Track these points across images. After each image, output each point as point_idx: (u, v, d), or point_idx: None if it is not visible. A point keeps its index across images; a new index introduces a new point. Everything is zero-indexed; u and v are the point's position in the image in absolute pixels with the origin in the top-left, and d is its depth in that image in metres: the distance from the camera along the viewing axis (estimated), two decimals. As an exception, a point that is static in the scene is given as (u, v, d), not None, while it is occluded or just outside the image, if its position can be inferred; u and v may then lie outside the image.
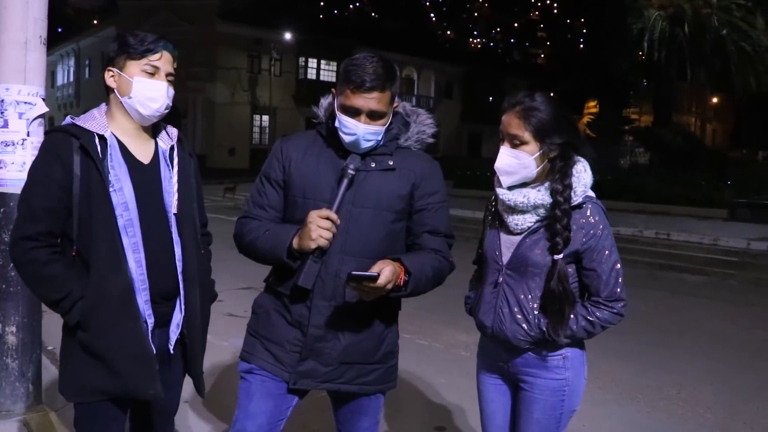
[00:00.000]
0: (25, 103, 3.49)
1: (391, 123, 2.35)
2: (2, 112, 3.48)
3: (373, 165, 2.30)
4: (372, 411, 2.49)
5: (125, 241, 2.20)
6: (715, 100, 42.29)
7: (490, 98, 45.26)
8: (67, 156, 2.18)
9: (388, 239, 2.32)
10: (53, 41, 36.06)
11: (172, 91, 2.31)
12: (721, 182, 19.90)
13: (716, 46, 28.41)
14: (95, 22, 44.40)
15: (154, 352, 2.27)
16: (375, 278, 2.07)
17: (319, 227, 2.15)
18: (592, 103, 43.71)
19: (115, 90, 2.27)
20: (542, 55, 69.04)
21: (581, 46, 53.00)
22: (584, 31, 54.41)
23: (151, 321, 2.27)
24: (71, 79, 45.64)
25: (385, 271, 2.10)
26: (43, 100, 3.59)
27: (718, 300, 9.28)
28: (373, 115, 2.22)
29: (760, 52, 28.61)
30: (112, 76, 2.27)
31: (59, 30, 44.19)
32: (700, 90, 32.80)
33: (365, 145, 2.26)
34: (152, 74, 2.25)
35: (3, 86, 3.48)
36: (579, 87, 40.77)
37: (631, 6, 29.50)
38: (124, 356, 2.21)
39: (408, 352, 2.61)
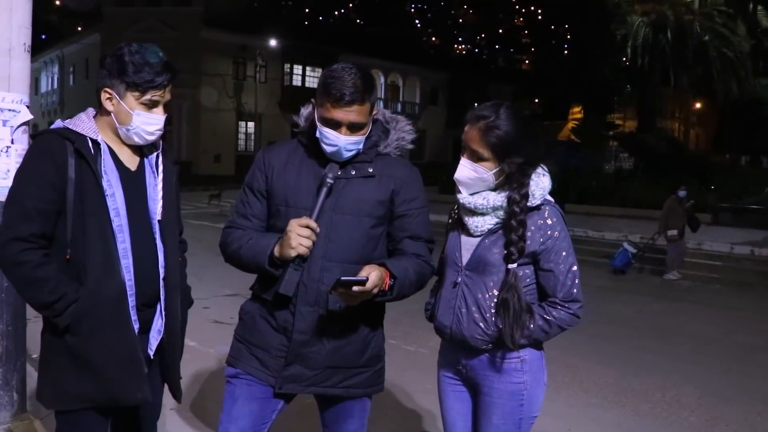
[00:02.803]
0: (10, 110, 3.48)
1: (370, 131, 2.38)
2: (-14, 120, 3.46)
3: (354, 173, 2.33)
4: (358, 414, 2.50)
5: (117, 246, 2.21)
6: (698, 105, 42.67)
7: (476, 104, 45.21)
8: (62, 159, 2.16)
9: (369, 244, 2.35)
10: (37, 48, 35.83)
11: (166, 116, 2.31)
12: (705, 187, 20.09)
13: (699, 52, 28.68)
14: (79, 28, 44.16)
15: (142, 356, 2.28)
16: (364, 282, 2.10)
17: (299, 235, 2.17)
18: (576, 109, 44.02)
19: (112, 114, 2.25)
20: (527, 61, 69.48)
21: (566, 52, 53.32)
22: (568, 37, 54.77)
23: (136, 327, 2.28)
24: (55, 86, 45.36)
25: (372, 276, 2.12)
26: (28, 107, 3.58)
27: (702, 304, 9.36)
28: (354, 127, 2.24)
29: (742, 57, 28.92)
30: (109, 98, 2.24)
31: (43, 37, 43.90)
32: (683, 95, 33.15)
33: (347, 154, 2.29)
34: (152, 107, 2.25)
35: (-13, 94, 3.46)
36: (563, 93, 41.05)
37: (615, 12, 29.73)
38: (113, 361, 2.21)
39: (394, 357, 2.62)
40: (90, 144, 2.22)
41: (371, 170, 2.34)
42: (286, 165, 2.38)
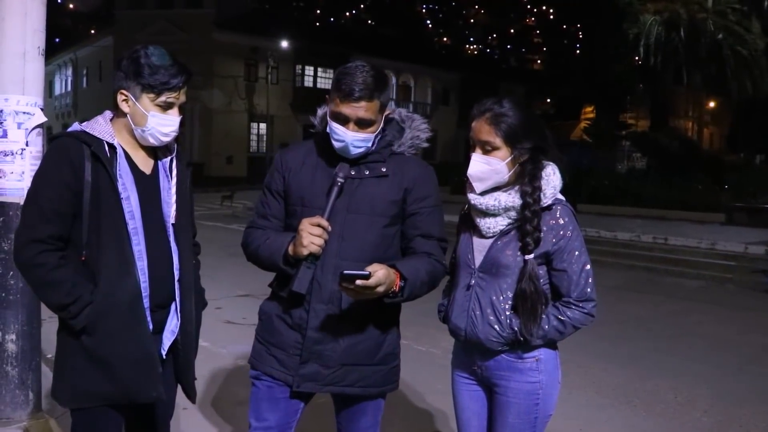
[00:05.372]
0: (24, 113, 3.52)
1: (385, 130, 2.42)
2: (1, 123, 3.50)
3: (367, 172, 2.36)
4: (372, 411, 2.52)
5: (132, 248, 2.24)
6: (711, 104, 42.35)
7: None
8: (79, 162, 2.20)
9: (382, 244, 2.37)
10: (51, 51, 36.01)
11: (181, 117, 2.35)
12: (718, 186, 19.94)
13: (712, 50, 28.46)
14: (92, 31, 44.46)
15: (157, 355, 2.32)
16: (367, 276, 2.11)
17: (311, 234, 2.21)
18: (588, 109, 43.77)
19: (128, 116, 2.29)
20: (538, 61, 69.28)
21: (577, 51, 53.12)
22: (580, 36, 54.54)
23: (150, 327, 2.31)
24: (69, 88, 45.64)
25: (378, 273, 2.14)
26: (42, 110, 3.62)
27: (716, 304, 9.30)
28: (361, 123, 2.27)
29: (756, 56, 28.65)
30: (125, 100, 2.27)
31: (57, 40, 44.22)
32: (696, 94, 32.82)
33: (354, 151, 2.32)
34: (167, 108, 2.28)
35: (2, 97, 3.51)
36: (575, 92, 40.84)
37: (627, 11, 29.57)
38: (129, 361, 2.24)
39: (405, 357, 2.63)
40: (106, 147, 2.26)
41: (384, 170, 2.37)
42: (302, 166, 2.42)
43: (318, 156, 2.43)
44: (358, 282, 2.11)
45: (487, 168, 2.27)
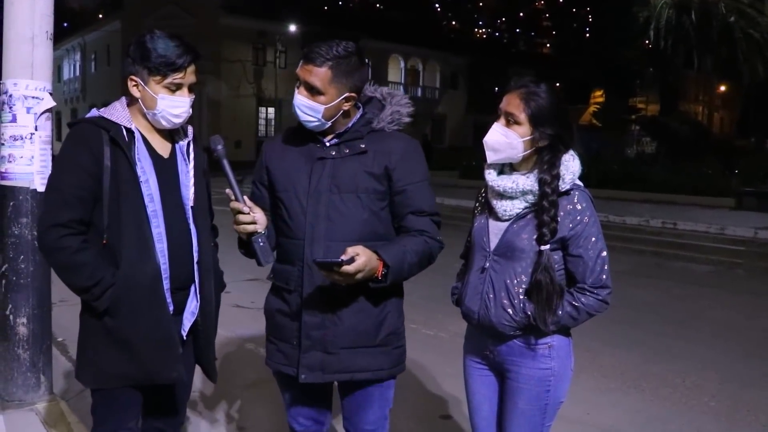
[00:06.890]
0: (33, 97, 3.53)
1: (365, 108, 2.41)
2: (10, 107, 3.52)
3: (347, 151, 2.34)
4: (378, 403, 2.49)
5: (152, 231, 2.28)
6: (722, 88, 42.01)
7: (496, 88, 45.24)
8: (98, 147, 2.24)
9: (370, 221, 2.34)
10: (59, 36, 35.96)
11: (192, 98, 2.36)
12: (728, 171, 19.85)
13: (723, 33, 28.18)
14: (100, 16, 44.42)
15: (178, 337, 2.36)
16: (341, 264, 2.09)
17: (234, 221, 2.27)
18: (598, 93, 43.60)
19: (139, 100, 2.31)
20: (548, 45, 68.82)
21: (587, 35, 52.72)
22: (590, 19, 54.12)
23: (171, 309, 2.35)
24: (77, 73, 45.71)
25: (358, 262, 2.11)
26: (51, 94, 3.63)
27: (724, 289, 9.26)
28: (309, 88, 2.28)
29: (768, 38, 28.38)
30: (135, 86, 2.30)
31: (65, 24, 44.23)
32: (707, 78, 32.62)
33: (303, 117, 2.31)
34: (176, 90, 2.30)
35: (11, 81, 3.52)
36: (585, 76, 40.60)
37: (637, -6, 29.31)
38: (150, 342, 2.28)
39: (414, 342, 2.63)
40: (124, 132, 2.29)
41: (363, 146, 2.34)
42: (281, 151, 2.45)
43: (297, 138, 2.43)
44: (335, 269, 2.10)
45: (504, 140, 2.27)
